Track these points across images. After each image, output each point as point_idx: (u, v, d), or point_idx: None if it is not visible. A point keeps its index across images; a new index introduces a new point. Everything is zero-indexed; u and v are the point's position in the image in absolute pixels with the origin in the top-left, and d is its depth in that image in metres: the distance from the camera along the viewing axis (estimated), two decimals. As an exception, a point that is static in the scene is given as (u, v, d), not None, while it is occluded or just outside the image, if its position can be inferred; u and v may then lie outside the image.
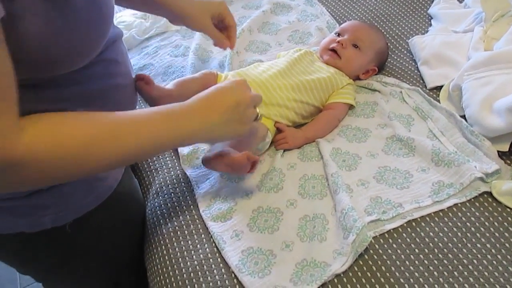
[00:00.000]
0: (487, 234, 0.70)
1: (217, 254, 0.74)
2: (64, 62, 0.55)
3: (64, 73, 0.57)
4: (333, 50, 0.99)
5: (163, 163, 0.92)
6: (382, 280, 0.67)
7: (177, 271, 0.75)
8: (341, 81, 0.96)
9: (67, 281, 0.84)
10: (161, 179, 0.90)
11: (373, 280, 0.67)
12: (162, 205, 0.85)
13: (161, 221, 0.83)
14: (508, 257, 0.67)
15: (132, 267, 0.91)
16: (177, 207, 0.84)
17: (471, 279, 0.65)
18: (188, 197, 0.85)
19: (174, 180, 0.89)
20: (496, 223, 0.71)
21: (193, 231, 0.79)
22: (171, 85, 0.88)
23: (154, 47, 1.22)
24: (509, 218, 0.72)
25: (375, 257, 0.70)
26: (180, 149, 0.91)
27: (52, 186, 0.67)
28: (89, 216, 0.74)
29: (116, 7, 1.45)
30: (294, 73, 0.93)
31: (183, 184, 0.87)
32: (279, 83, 0.90)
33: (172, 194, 0.86)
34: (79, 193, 0.72)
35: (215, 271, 0.72)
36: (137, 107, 0.79)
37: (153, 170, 0.93)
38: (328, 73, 0.95)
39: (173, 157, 0.93)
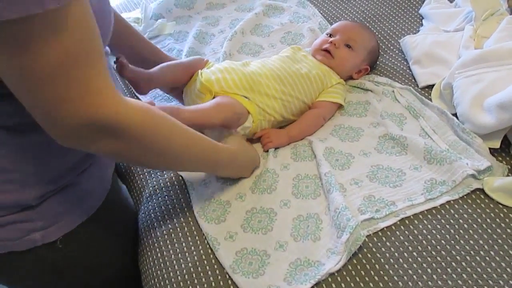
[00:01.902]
0: (480, 231, 0.70)
1: (211, 256, 0.74)
2: None
3: None
4: (326, 51, 0.99)
5: (157, 166, 0.92)
6: (376, 278, 0.67)
7: (171, 274, 0.74)
8: (330, 80, 0.97)
9: None
10: (155, 182, 0.90)
11: (367, 279, 0.67)
12: (156, 208, 0.85)
13: (155, 223, 0.83)
14: (501, 253, 0.67)
15: (126, 275, 0.90)
16: (171, 210, 0.84)
17: (464, 275, 0.65)
18: (182, 199, 0.85)
19: (168, 183, 0.88)
20: (488, 220, 0.72)
21: (187, 233, 0.79)
22: (154, 68, 0.92)
23: (147, 51, 1.22)
24: (501, 215, 0.72)
25: (369, 255, 0.70)
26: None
27: (42, 201, 0.67)
28: (80, 229, 0.73)
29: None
30: (283, 65, 0.94)
31: (176, 186, 0.87)
32: (265, 72, 0.91)
33: (166, 196, 0.86)
34: (69, 206, 0.71)
35: (209, 272, 0.72)
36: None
37: (146, 173, 0.93)
38: (317, 69, 0.96)
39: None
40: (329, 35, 1.03)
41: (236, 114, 0.85)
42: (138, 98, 1.08)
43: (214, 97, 0.86)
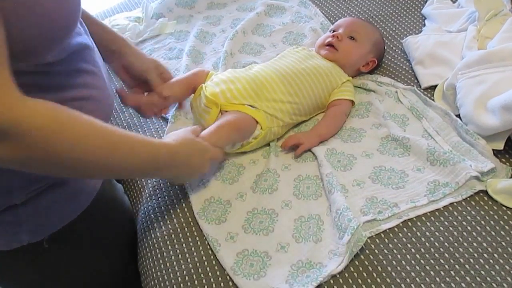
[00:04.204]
0: (483, 233, 0.70)
1: (212, 257, 0.74)
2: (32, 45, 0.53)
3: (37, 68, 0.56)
4: (330, 45, 0.99)
5: (157, 166, 0.92)
6: (379, 280, 0.66)
7: (171, 275, 0.74)
8: (340, 78, 0.96)
9: None
10: (155, 182, 0.89)
11: (369, 281, 0.66)
12: (156, 208, 0.85)
13: (155, 224, 0.82)
14: (505, 255, 0.66)
15: (122, 278, 0.88)
16: (171, 210, 0.83)
17: (467, 278, 0.64)
18: (182, 199, 0.84)
19: (168, 183, 0.88)
20: (492, 222, 0.71)
21: (188, 234, 0.78)
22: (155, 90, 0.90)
23: (148, 50, 1.22)
24: (505, 217, 0.71)
25: (371, 257, 0.69)
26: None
27: (28, 200, 0.66)
28: (68, 229, 0.72)
29: (110, 11, 1.45)
30: (288, 65, 0.93)
31: (176, 187, 0.86)
32: (270, 74, 0.90)
33: (166, 197, 0.86)
34: (56, 206, 0.69)
35: (210, 274, 0.72)
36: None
37: (147, 173, 0.92)
38: (324, 67, 0.95)
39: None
40: (332, 31, 1.03)
41: (241, 131, 0.84)
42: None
43: (220, 110, 0.86)
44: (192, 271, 0.73)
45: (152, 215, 0.84)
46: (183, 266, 0.74)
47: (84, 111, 0.64)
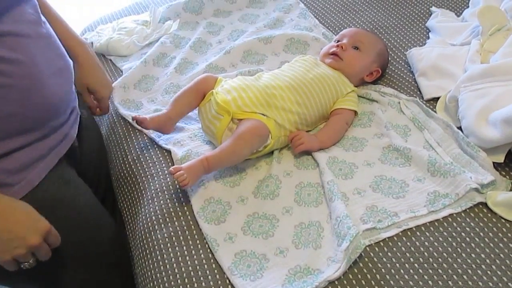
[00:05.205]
0: (482, 245, 0.70)
1: (212, 260, 0.74)
2: None
3: None
4: (335, 54, 1.00)
5: (159, 169, 0.92)
6: (377, 288, 0.67)
7: (171, 277, 0.74)
8: (345, 88, 0.97)
9: None
10: (157, 185, 0.90)
11: (367, 288, 0.67)
12: (158, 211, 0.85)
13: (156, 226, 0.83)
14: (502, 267, 0.67)
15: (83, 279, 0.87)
16: (172, 213, 0.84)
17: (465, 289, 0.65)
18: (183, 203, 0.85)
19: (170, 186, 0.88)
20: (490, 234, 0.71)
21: (188, 237, 0.79)
22: (168, 106, 0.95)
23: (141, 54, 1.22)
24: (504, 229, 0.72)
25: (370, 265, 0.69)
26: (174, 153, 0.92)
27: None
28: None
29: (118, 13, 1.46)
30: (296, 74, 0.94)
31: (178, 190, 0.87)
32: (279, 83, 0.91)
33: (168, 200, 0.86)
34: None
35: (209, 277, 0.72)
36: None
37: (149, 176, 0.93)
38: (331, 77, 0.96)
39: (169, 163, 0.93)
40: (336, 41, 1.04)
41: (261, 137, 0.85)
42: None
43: (232, 118, 0.86)
44: (192, 273, 0.73)
45: (153, 217, 0.85)
46: (183, 269, 0.74)
47: (5, 101, 0.64)
